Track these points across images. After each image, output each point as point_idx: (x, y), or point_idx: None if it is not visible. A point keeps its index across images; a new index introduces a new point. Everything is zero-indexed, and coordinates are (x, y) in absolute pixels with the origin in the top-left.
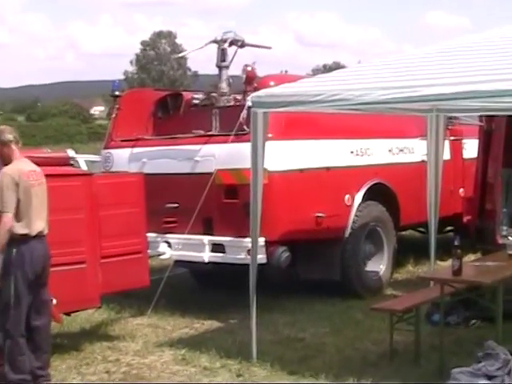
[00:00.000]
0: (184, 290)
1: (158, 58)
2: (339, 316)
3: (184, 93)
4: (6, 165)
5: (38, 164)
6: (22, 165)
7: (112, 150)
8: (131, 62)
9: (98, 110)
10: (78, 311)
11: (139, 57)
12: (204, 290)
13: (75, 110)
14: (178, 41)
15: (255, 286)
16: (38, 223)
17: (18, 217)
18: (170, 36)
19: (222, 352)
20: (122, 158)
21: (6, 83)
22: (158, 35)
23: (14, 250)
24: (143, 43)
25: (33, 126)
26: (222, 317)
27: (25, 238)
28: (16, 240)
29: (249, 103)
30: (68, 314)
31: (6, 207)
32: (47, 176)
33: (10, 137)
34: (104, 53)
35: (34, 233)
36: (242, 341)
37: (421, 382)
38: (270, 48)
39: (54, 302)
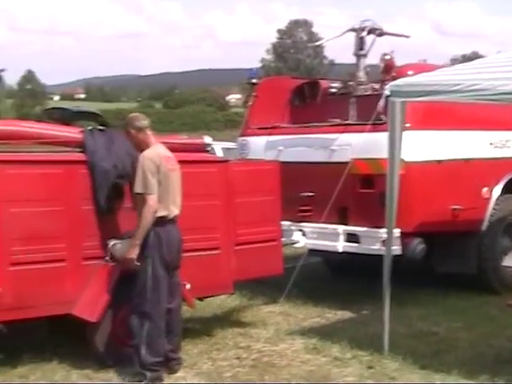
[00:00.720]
0: (317, 279)
1: (295, 46)
2: (474, 311)
3: (321, 81)
4: (141, 151)
5: (176, 150)
6: (159, 149)
7: (248, 138)
8: (268, 51)
9: (234, 97)
10: (211, 297)
11: (276, 45)
12: (337, 279)
13: (212, 98)
14: (314, 29)
15: (389, 278)
16: (174, 207)
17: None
18: (306, 24)
19: (353, 343)
20: (259, 146)
21: (144, 71)
22: (295, 24)
23: (152, 233)
24: (280, 32)
25: (170, 112)
26: (354, 307)
27: (162, 221)
28: (154, 222)
29: (387, 92)
30: (201, 299)
31: (150, 189)
32: (184, 162)
33: (145, 123)
34: (241, 41)
35: (171, 216)
36: (374, 333)
37: None
38: (408, 37)
39: (188, 286)
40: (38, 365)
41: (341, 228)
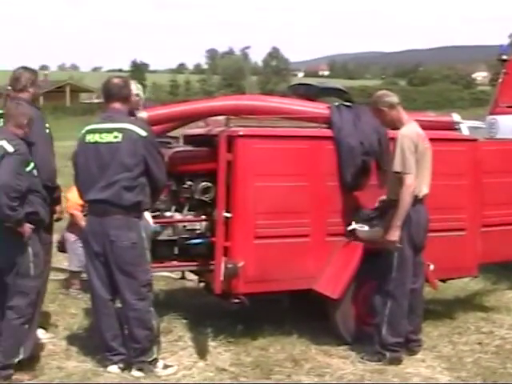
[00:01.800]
0: None
1: None
2: None
3: None
4: (395, 128)
5: (424, 127)
6: (416, 127)
7: (497, 116)
8: None
9: (480, 75)
10: (453, 279)
11: None
12: None
13: (457, 75)
14: None
15: None
16: (424, 186)
17: None
18: None
19: None
20: (508, 125)
21: (389, 47)
22: None
23: None
24: None
25: (414, 90)
26: None
27: (413, 200)
28: None
29: None
30: (443, 281)
31: (409, 168)
32: (434, 140)
33: (395, 99)
34: (487, 17)
35: (421, 195)
36: None
37: None
38: None
39: (432, 267)
40: (278, 338)
41: None
